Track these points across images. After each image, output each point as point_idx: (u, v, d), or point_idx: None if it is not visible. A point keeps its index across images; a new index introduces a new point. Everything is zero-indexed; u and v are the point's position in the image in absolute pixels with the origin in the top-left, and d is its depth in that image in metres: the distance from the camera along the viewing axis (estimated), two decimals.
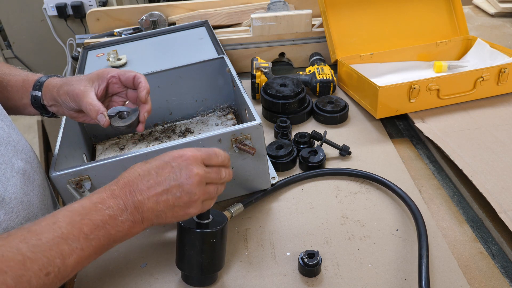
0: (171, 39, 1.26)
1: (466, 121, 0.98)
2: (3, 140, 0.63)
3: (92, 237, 0.51)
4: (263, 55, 1.31)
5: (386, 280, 0.65)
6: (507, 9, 1.62)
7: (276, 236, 0.74)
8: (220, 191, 0.61)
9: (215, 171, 0.59)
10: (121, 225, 0.54)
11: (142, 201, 0.55)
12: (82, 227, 0.51)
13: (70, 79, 0.72)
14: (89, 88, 0.69)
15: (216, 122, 0.97)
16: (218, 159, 0.60)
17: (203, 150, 0.59)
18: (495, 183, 0.78)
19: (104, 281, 0.68)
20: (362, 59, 1.19)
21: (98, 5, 2.06)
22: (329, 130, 1.00)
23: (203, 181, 0.57)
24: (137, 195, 0.55)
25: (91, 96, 0.68)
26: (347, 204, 0.79)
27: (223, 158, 0.61)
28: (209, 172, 0.58)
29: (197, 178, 0.56)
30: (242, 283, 0.66)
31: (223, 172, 0.61)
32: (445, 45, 1.23)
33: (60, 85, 0.72)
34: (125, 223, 0.54)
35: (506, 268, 0.67)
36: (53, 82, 0.73)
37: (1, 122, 0.65)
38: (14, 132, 0.67)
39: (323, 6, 1.19)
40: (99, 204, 0.53)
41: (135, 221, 0.55)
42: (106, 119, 0.68)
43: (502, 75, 1.02)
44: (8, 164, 0.61)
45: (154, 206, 0.55)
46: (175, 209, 0.56)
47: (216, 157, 0.60)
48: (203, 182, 0.57)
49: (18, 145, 0.66)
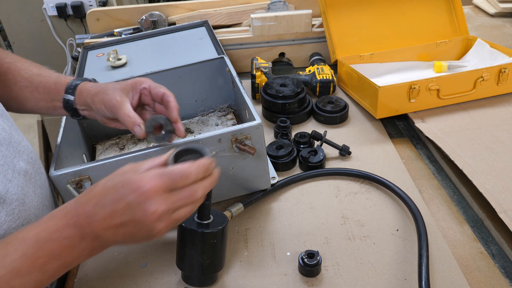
0: (171, 39, 1.26)
1: (466, 121, 0.98)
2: (5, 141, 0.63)
3: (47, 268, 0.50)
4: (263, 55, 1.31)
5: (386, 280, 0.65)
6: (507, 9, 1.62)
7: (276, 236, 0.74)
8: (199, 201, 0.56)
9: (184, 196, 0.53)
10: (80, 253, 0.52)
11: (100, 232, 0.51)
12: (36, 260, 0.49)
13: (105, 87, 0.70)
14: (125, 99, 0.67)
15: (216, 122, 0.97)
16: (187, 180, 0.53)
17: (166, 175, 0.52)
18: (495, 183, 0.78)
19: (104, 281, 0.68)
20: (362, 59, 1.19)
21: (98, 5, 2.06)
22: (329, 130, 1.00)
23: (165, 215, 0.52)
24: (94, 226, 0.51)
25: (128, 107, 0.66)
26: (347, 204, 0.79)
27: (195, 176, 0.53)
28: (175, 201, 0.52)
29: (155, 216, 0.51)
30: (242, 283, 0.66)
31: (199, 190, 0.54)
32: (445, 45, 1.23)
33: (95, 92, 0.70)
34: (84, 250, 0.52)
35: (506, 268, 0.67)
36: (88, 88, 0.72)
37: (2, 123, 0.65)
38: (15, 133, 0.67)
39: (323, 6, 1.19)
40: (55, 234, 0.50)
41: (94, 247, 0.53)
42: (143, 131, 0.65)
43: (502, 75, 1.02)
44: (9, 165, 0.61)
45: (113, 237, 0.52)
46: (137, 239, 0.53)
47: (184, 179, 0.52)
48: (165, 215, 0.52)
49: (20, 146, 0.66)
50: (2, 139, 0.62)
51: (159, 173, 0.52)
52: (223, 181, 0.75)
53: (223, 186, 0.76)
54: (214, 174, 0.57)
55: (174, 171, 0.52)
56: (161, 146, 0.67)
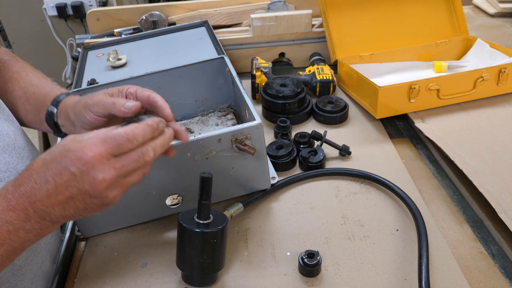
0: (171, 39, 1.26)
1: (466, 121, 0.98)
2: (8, 147, 0.62)
3: None
4: (263, 55, 1.31)
5: (386, 280, 0.65)
6: (507, 9, 1.62)
7: (276, 236, 0.74)
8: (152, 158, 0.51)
9: (134, 159, 0.49)
10: (27, 235, 0.48)
11: (46, 210, 0.48)
12: None
13: (90, 94, 0.65)
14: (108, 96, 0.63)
15: (216, 122, 0.97)
16: (134, 142, 0.49)
17: (110, 139, 0.48)
18: (495, 183, 0.78)
19: (104, 281, 0.68)
20: (362, 59, 1.19)
21: (98, 5, 2.06)
22: (329, 130, 1.00)
23: (115, 181, 0.49)
24: (38, 205, 0.47)
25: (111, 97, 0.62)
26: (347, 204, 0.79)
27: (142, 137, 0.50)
28: (124, 165, 0.49)
29: (105, 184, 0.48)
30: (242, 283, 0.66)
31: (149, 151, 0.50)
32: (445, 45, 1.23)
33: (78, 100, 0.66)
34: (31, 232, 0.49)
35: (506, 268, 0.67)
36: (71, 98, 0.68)
37: (7, 128, 0.64)
38: (20, 138, 0.66)
39: (323, 6, 1.19)
40: None
41: (44, 227, 0.49)
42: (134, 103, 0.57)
43: (502, 75, 1.02)
44: (12, 172, 0.61)
45: (62, 213, 0.49)
46: (89, 211, 0.50)
47: (130, 142, 0.49)
48: (116, 182, 0.49)
49: (23, 151, 0.65)
50: (6, 145, 0.61)
51: (102, 138, 0.48)
52: (223, 181, 0.75)
53: (223, 186, 0.76)
54: (167, 133, 0.53)
55: (118, 133, 0.48)
56: None
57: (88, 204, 0.49)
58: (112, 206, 0.71)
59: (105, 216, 0.73)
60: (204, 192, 0.62)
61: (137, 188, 0.70)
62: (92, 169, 0.47)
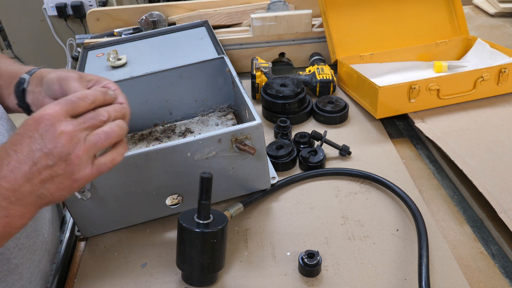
0: (171, 39, 1.26)
1: (466, 121, 0.98)
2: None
3: None
4: (263, 55, 1.31)
5: (386, 280, 0.65)
6: (507, 9, 1.62)
7: (276, 236, 0.74)
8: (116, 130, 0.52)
9: (90, 117, 0.50)
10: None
11: (11, 188, 0.45)
12: None
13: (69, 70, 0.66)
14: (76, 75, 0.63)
15: (216, 122, 0.97)
16: (86, 101, 0.50)
17: (63, 100, 0.49)
18: (495, 183, 0.78)
19: (104, 281, 0.68)
20: (362, 59, 1.19)
21: (98, 5, 2.06)
22: (329, 130, 1.00)
23: (75, 136, 0.48)
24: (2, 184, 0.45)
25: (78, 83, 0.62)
26: (347, 204, 0.79)
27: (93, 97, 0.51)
28: (81, 122, 0.49)
29: (65, 137, 0.47)
30: (242, 283, 0.66)
31: (104, 112, 0.51)
32: (445, 45, 1.23)
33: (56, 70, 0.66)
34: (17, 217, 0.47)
35: (506, 268, 0.67)
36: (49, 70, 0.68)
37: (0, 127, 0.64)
38: None
39: (323, 6, 1.19)
40: None
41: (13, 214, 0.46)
42: None
43: (502, 75, 1.02)
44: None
45: (30, 188, 0.47)
46: (57, 180, 0.48)
47: (82, 101, 0.50)
48: (77, 137, 0.48)
49: None
50: None
51: (55, 102, 0.49)
52: (223, 181, 0.75)
53: (223, 186, 0.76)
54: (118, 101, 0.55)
55: (69, 96, 0.50)
56: None
57: (54, 170, 0.47)
58: (112, 206, 0.72)
59: (105, 216, 0.73)
60: (204, 192, 0.62)
61: (137, 188, 0.71)
62: (51, 125, 0.47)
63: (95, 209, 0.71)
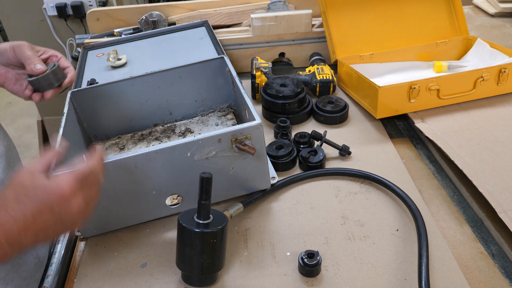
0: (171, 39, 1.26)
1: (466, 121, 0.98)
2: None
3: None
4: (263, 55, 1.31)
5: (386, 280, 0.65)
6: (507, 9, 1.62)
7: (276, 236, 0.74)
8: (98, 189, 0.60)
9: (95, 190, 0.58)
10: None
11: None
12: None
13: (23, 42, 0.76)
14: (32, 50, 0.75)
15: (216, 122, 0.97)
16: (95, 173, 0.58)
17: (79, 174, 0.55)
18: (495, 183, 0.78)
19: (104, 281, 0.68)
20: (362, 59, 1.19)
21: (98, 5, 2.06)
22: (329, 130, 1.00)
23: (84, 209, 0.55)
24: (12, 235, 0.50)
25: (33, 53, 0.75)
26: (347, 204, 0.79)
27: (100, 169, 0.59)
28: (87, 192, 0.56)
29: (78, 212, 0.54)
30: (242, 283, 0.66)
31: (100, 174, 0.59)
32: (445, 45, 1.23)
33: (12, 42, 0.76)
34: None
35: (506, 268, 0.67)
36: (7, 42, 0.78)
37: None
38: None
39: (323, 6, 1.19)
40: None
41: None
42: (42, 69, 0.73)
43: (502, 75, 1.02)
44: None
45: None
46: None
47: (93, 175, 0.58)
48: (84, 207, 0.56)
49: None
50: None
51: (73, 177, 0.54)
52: (223, 181, 0.75)
53: (223, 186, 0.76)
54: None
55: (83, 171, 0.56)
56: None
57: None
58: (112, 206, 0.72)
59: (105, 216, 0.73)
60: (204, 192, 0.62)
61: (137, 188, 0.71)
62: (69, 201, 0.53)
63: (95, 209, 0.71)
